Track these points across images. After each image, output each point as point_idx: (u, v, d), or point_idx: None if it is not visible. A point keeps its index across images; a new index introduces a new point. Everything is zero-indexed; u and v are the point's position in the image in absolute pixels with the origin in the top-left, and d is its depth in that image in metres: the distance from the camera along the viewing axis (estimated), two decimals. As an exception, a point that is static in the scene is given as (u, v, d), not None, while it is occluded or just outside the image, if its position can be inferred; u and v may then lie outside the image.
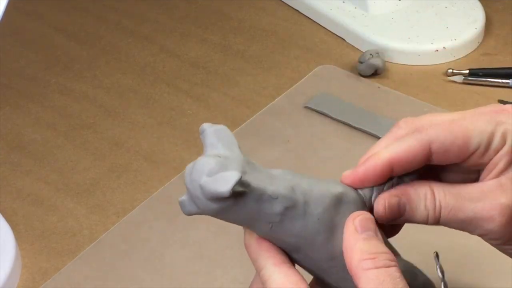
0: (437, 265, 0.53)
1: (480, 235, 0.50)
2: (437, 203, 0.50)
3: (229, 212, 0.48)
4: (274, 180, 0.49)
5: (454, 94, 0.84)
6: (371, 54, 0.85)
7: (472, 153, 0.50)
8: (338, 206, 0.50)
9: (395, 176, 0.51)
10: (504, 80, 0.84)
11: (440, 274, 0.53)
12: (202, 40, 0.92)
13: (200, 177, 0.47)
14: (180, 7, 0.98)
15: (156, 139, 0.79)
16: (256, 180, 0.48)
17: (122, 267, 0.66)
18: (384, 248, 0.48)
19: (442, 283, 0.52)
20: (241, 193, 0.47)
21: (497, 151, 0.50)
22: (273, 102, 0.83)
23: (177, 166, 0.76)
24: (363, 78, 0.85)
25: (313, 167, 0.74)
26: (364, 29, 0.89)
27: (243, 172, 0.47)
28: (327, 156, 0.75)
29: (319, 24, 0.94)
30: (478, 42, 0.90)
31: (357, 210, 0.50)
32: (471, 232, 0.50)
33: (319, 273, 0.51)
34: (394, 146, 0.50)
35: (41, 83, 0.87)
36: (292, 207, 0.48)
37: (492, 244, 0.51)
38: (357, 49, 0.89)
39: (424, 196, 0.50)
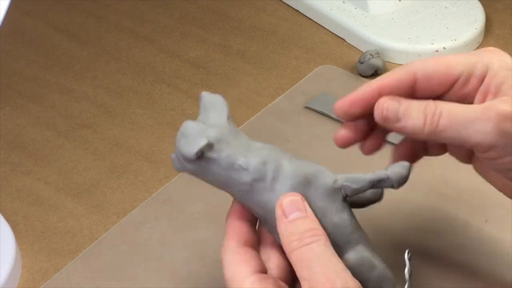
0: (406, 266, 0.54)
1: (477, 144, 0.52)
2: (438, 109, 0.52)
3: (204, 174, 0.53)
4: (250, 152, 0.53)
5: (454, 94, 0.84)
6: (371, 54, 0.85)
7: (455, 81, 0.53)
8: (306, 187, 0.52)
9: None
10: (504, 80, 0.84)
11: (407, 275, 0.54)
12: (202, 40, 0.92)
13: (180, 138, 0.53)
14: (180, 7, 0.98)
15: (156, 139, 0.79)
16: (231, 149, 0.52)
17: (122, 267, 0.66)
18: (309, 225, 0.50)
19: (407, 285, 0.53)
20: (211, 158, 0.52)
21: (481, 80, 0.53)
22: (273, 102, 0.83)
23: (177, 166, 0.76)
24: (363, 78, 0.85)
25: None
26: (364, 29, 0.89)
27: (218, 140, 0.52)
28: (327, 156, 0.75)
29: (319, 24, 0.94)
30: (478, 42, 0.90)
31: (325, 194, 0.52)
32: (468, 140, 0.52)
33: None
34: (382, 76, 0.55)
35: (41, 83, 0.87)
36: (260, 180, 0.52)
37: (487, 161, 0.53)
38: (357, 49, 0.89)
39: (426, 103, 0.53)
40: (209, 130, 0.53)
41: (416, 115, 0.52)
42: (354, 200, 0.54)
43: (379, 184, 0.53)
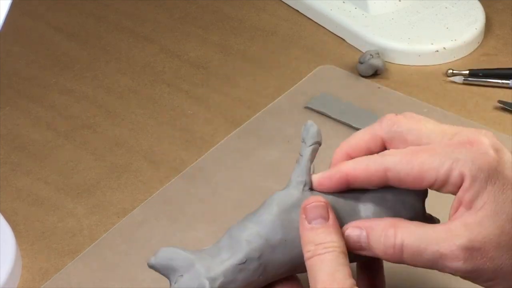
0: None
1: (449, 273, 0.50)
2: (398, 242, 0.50)
3: None
4: (231, 250, 0.52)
5: (454, 95, 0.84)
6: (371, 55, 0.85)
7: (429, 186, 0.51)
8: (290, 212, 0.52)
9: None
10: (504, 81, 0.84)
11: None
12: (202, 40, 0.92)
13: None
14: (180, 7, 0.98)
15: (156, 139, 0.79)
16: (213, 264, 0.52)
17: (122, 267, 0.66)
18: (329, 237, 0.50)
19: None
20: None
21: (457, 187, 0.50)
22: (273, 102, 0.83)
23: (177, 166, 0.76)
24: (363, 79, 0.85)
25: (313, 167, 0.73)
26: (364, 29, 0.89)
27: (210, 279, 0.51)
28: (327, 156, 0.75)
29: (319, 24, 0.94)
30: (478, 43, 0.90)
31: (301, 200, 0.52)
32: (440, 270, 0.50)
33: None
34: (354, 163, 0.53)
35: (41, 83, 0.87)
36: (262, 253, 0.52)
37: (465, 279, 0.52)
38: (357, 49, 0.89)
39: (384, 232, 0.51)
40: (196, 274, 0.52)
41: (376, 246, 0.51)
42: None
43: (311, 152, 0.55)
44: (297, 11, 0.96)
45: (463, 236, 0.49)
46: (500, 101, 0.81)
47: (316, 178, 0.54)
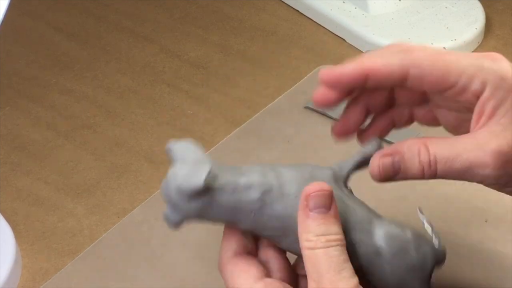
0: (423, 220, 0.54)
1: (478, 182, 0.51)
2: (432, 157, 0.51)
3: (211, 208, 0.50)
4: (245, 173, 0.51)
5: (454, 94, 0.84)
6: (371, 54, 0.85)
7: (449, 88, 0.52)
8: (311, 183, 0.51)
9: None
10: (504, 80, 0.84)
11: (429, 228, 0.53)
12: (202, 40, 0.92)
13: (175, 182, 0.50)
14: (180, 7, 0.98)
15: (156, 139, 0.79)
16: (227, 175, 0.51)
17: (122, 267, 0.66)
18: (330, 228, 0.49)
19: (434, 238, 0.53)
20: (216, 187, 0.50)
21: (477, 96, 0.51)
22: (273, 102, 0.83)
23: (177, 166, 0.76)
24: (363, 78, 0.85)
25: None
26: (364, 29, 0.89)
27: (214, 170, 0.50)
28: (327, 156, 0.75)
29: (319, 24, 0.94)
30: (478, 43, 0.90)
31: (331, 183, 0.52)
32: (469, 180, 0.51)
33: None
34: (375, 58, 0.52)
35: (41, 83, 0.87)
36: (269, 191, 0.51)
37: (492, 188, 0.52)
38: (357, 49, 0.89)
39: (418, 151, 0.51)
40: (200, 164, 0.51)
41: (412, 166, 0.51)
42: None
43: (364, 162, 0.54)
44: (297, 11, 0.96)
45: (490, 143, 0.50)
46: (500, 101, 0.81)
47: (335, 70, 0.53)
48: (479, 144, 0.50)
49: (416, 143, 0.51)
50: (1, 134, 0.80)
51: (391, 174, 0.52)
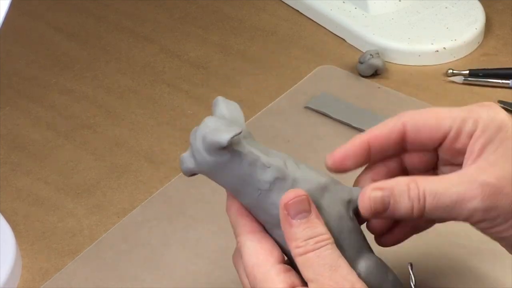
0: (410, 275, 0.54)
1: (467, 219, 0.51)
2: (421, 192, 0.51)
3: (223, 169, 0.51)
4: (270, 153, 0.52)
5: (454, 95, 0.84)
6: (371, 55, 0.85)
7: (445, 136, 0.53)
8: (323, 192, 0.52)
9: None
10: (504, 81, 0.84)
11: (412, 284, 0.54)
12: (202, 40, 0.92)
13: (205, 130, 0.51)
14: (180, 7, 0.98)
15: (156, 139, 0.79)
16: (253, 148, 0.52)
17: (122, 267, 0.66)
18: (316, 230, 0.50)
19: None
20: (237, 152, 0.51)
21: (470, 136, 0.52)
22: (273, 102, 0.83)
23: (177, 166, 0.76)
24: (363, 78, 0.85)
25: (313, 167, 0.73)
26: (364, 29, 0.89)
27: (242, 136, 0.52)
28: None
29: (319, 24, 0.94)
30: (478, 43, 0.90)
31: (341, 202, 0.52)
32: (457, 217, 0.51)
33: None
34: (373, 128, 0.55)
35: (41, 83, 0.87)
36: (282, 179, 0.51)
37: (482, 230, 0.52)
38: (357, 49, 0.89)
39: (407, 186, 0.51)
40: (233, 125, 0.52)
41: (401, 200, 0.51)
42: None
43: None
44: (297, 11, 0.96)
45: (479, 176, 0.51)
46: (500, 101, 0.81)
47: (339, 151, 0.54)
48: (467, 178, 0.51)
49: (406, 179, 0.52)
50: (1, 134, 0.80)
51: (380, 209, 0.51)
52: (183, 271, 0.66)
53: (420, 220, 0.55)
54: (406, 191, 0.51)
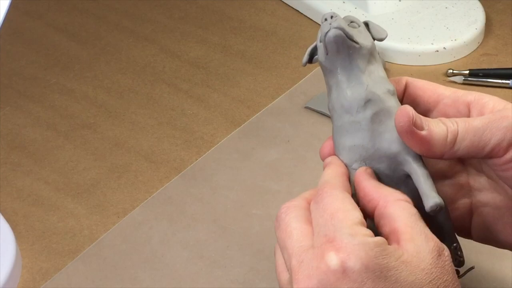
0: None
1: (496, 146, 0.52)
2: (453, 119, 0.53)
3: (337, 68, 0.58)
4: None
5: (454, 95, 0.84)
6: (371, 54, 0.85)
7: (441, 99, 0.56)
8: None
9: None
10: (504, 81, 0.84)
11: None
12: (202, 40, 0.92)
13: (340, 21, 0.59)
14: (180, 7, 0.98)
15: (156, 139, 0.79)
16: (379, 69, 0.58)
17: (122, 267, 0.66)
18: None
19: None
20: (358, 55, 0.58)
21: (467, 106, 0.55)
22: (273, 102, 0.83)
23: (177, 166, 0.76)
24: (363, 78, 0.85)
25: (313, 167, 0.73)
26: (364, 29, 0.89)
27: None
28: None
29: (319, 24, 0.94)
30: (478, 43, 0.90)
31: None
32: (486, 144, 0.52)
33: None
34: None
35: (41, 83, 0.87)
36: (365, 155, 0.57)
37: (503, 173, 0.53)
38: (357, 49, 0.89)
39: (440, 119, 0.54)
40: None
41: (436, 124, 0.53)
42: None
43: None
44: (297, 11, 0.96)
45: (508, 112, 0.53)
46: (500, 101, 0.81)
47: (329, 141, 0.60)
48: (495, 112, 0.53)
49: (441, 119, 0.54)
50: (1, 134, 0.80)
51: (419, 125, 0.52)
52: (183, 271, 0.66)
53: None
54: (440, 120, 0.53)
